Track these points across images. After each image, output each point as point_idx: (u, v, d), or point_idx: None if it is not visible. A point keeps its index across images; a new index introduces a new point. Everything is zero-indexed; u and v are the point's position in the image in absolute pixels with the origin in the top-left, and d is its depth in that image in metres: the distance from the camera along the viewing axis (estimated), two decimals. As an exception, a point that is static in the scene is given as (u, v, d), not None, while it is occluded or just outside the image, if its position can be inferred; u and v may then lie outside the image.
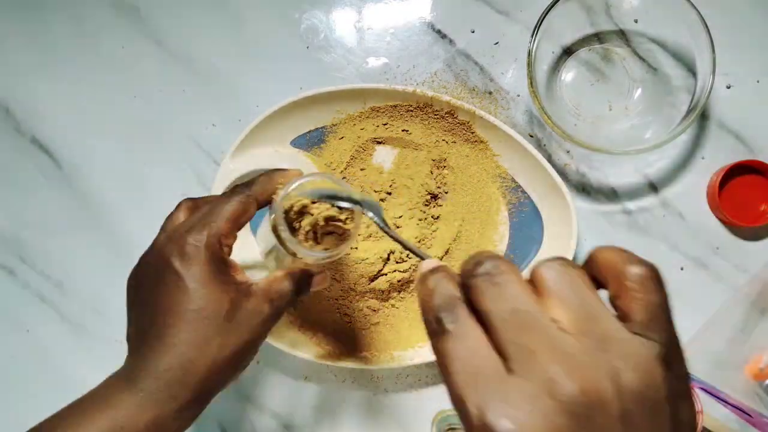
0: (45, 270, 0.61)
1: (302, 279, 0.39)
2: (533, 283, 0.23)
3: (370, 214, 0.38)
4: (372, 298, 0.57)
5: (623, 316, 0.23)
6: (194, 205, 0.40)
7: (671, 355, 0.22)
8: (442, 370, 0.22)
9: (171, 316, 0.34)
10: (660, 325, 0.22)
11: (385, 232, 0.36)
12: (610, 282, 0.23)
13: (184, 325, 0.34)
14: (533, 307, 0.22)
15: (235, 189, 0.39)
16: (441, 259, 0.57)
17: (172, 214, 0.40)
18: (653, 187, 0.57)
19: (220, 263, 0.36)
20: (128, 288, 0.39)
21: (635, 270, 0.23)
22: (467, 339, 0.22)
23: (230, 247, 0.38)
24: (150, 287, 0.36)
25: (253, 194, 0.38)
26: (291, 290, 0.38)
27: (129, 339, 0.37)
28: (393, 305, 0.57)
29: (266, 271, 0.51)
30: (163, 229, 0.40)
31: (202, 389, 0.35)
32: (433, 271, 0.25)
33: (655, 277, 0.23)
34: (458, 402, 0.21)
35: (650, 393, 0.20)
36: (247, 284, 0.37)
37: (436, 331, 0.23)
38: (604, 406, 0.20)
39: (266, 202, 0.39)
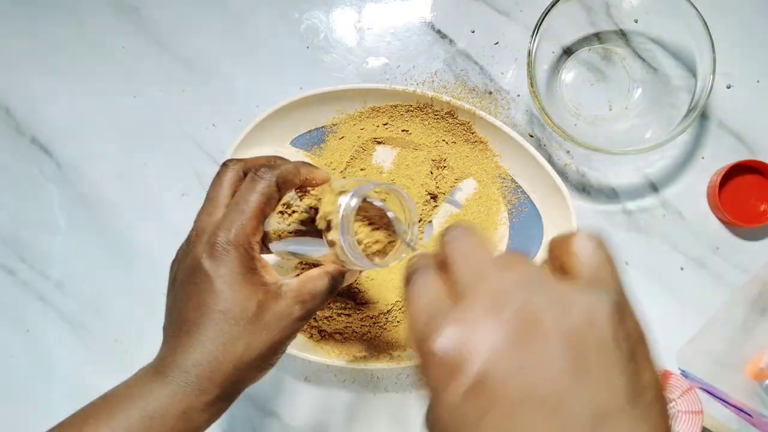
0: (45, 270, 0.61)
1: (338, 278, 0.38)
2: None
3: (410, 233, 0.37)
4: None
5: (570, 275, 0.23)
6: (236, 178, 0.39)
7: (617, 308, 0.21)
8: (406, 308, 0.25)
9: (200, 314, 0.35)
10: (606, 280, 0.23)
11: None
12: (563, 258, 0.24)
13: (211, 324, 0.34)
14: (485, 256, 0.24)
15: (258, 171, 0.37)
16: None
17: (215, 187, 0.39)
18: (653, 187, 0.57)
19: (249, 263, 0.35)
20: (169, 277, 0.39)
21: (579, 235, 0.24)
22: (430, 278, 0.25)
23: (259, 243, 0.37)
24: (183, 282, 0.36)
25: (274, 182, 0.36)
26: (326, 290, 0.37)
27: (164, 329, 0.38)
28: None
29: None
30: (202, 212, 0.38)
31: (229, 386, 0.35)
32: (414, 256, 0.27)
33: (597, 241, 0.24)
34: (410, 328, 0.24)
35: (593, 332, 0.21)
36: (277, 285, 0.36)
37: (406, 275, 0.26)
38: (540, 335, 0.20)
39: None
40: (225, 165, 0.38)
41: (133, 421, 0.33)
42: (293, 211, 0.38)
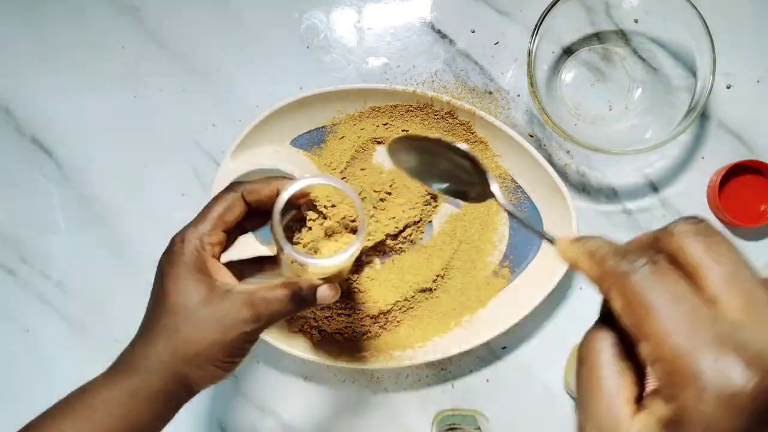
0: (45, 270, 0.61)
1: (301, 291, 0.38)
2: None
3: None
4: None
5: None
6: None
7: None
8: (635, 311, 0.20)
9: (151, 309, 0.38)
10: None
11: (510, 214, 0.32)
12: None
13: (157, 318, 0.37)
14: (747, 264, 0.21)
15: (230, 186, 0.39)
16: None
17: (208, 203, 0.40)
18: (653, 187, 0.57)
19: (198, 263, 0.37)
20: None
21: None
22: (671, 279, 0.20)
23: (216, 246, 0.38)
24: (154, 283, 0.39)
25: (239, 193, 0.39)
26: (282, 300, 0.37)
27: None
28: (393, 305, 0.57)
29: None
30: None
31: (174, 378, 0.36)
32: (583, 237, 0.24)
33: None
34: (672, 348, 0.19)
35: None
36: (227, 286, 0.37)
37: (625, 271, 0.21)
38: None
39: (261, 205, 0.39)
40: (227, 187, 0.40)
41: (96, 414, 0.35)
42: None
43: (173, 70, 0.61)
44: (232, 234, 0.40)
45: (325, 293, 0.39)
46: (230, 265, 0.41)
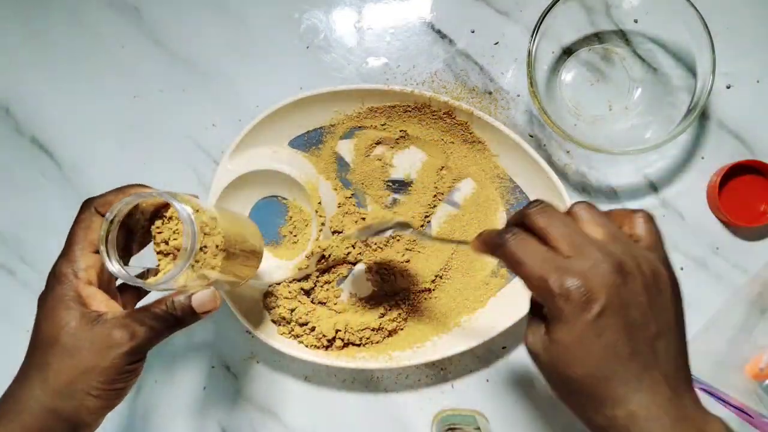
0: (45, 270, 0.60)
1: (173, 303, 0.37)
2: (569, 215, 0.34)
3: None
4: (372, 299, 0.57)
5: (634, 238, 0.34)
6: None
7: (667, 264, 0.33)
8: (515, 267, 0.33)
9: (27, 351, 0.37)
10: (659, 246, 0.34)
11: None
12: (623, 221, 0.34)
13: (31, 358, 0.37)
14: (575, 224, 0.33)
15: (83, 204, 0.39)
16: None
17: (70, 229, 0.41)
18: (653, 187, 0.57)
19: (67, 292, 0.37)
20: None
21: (640, 213, 0.34)
22: (528, 242, 0.33)
23: (89, 269, 0.38)
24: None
25: (92, 209, 0.38)
26: (156, 315, 0.37)
27: None
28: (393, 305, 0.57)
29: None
30: None
31: (56, 417, 0.35)
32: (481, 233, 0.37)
33: (653, 221, 0.34)
34: (538, 280, 0.31)
35: (657, 278, 0.32)
36: (97, 313, 0.37)
37: (501, 243, 0.33)
38: (631, 277, 0.31)
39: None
40: (81, 207, 0.40)
41: None
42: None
43: (173, 70, 0.61)
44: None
45: (200, 300, 0.38)
46: (125, 288, 0.41)
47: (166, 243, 0.38)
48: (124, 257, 0.39)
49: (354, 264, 0.57)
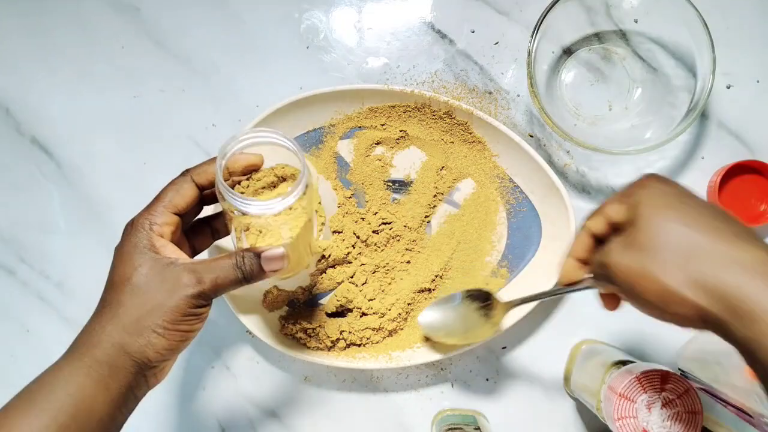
0: (45, 270, 0.61)
1: (244, 256, 0.39)
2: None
3: None
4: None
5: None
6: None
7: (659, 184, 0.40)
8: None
9: (103, 292, 0.39)
10: (640, 186, 0.40)
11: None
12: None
13: (105, 297, 0.39)
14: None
15: (182, 173, 0.42)
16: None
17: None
18: (653, 187, 0.57)
19: (144, 240, 0.39)
20: None
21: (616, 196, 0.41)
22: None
23: (165, 226, 0.39)
24: None
25: (188, 176, 0.41)
26: (225, 266, 0.39)
27: None
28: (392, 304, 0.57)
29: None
30: None
31: (123, 351, 0.37)
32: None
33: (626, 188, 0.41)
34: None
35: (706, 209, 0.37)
36: (171, 258, 0.39)
37: (602, 261, 0.39)
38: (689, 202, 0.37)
39: (211, 186, 0.41)
40: (180, 174, 0.42)
41: (55, 403, 0.35)
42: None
43: (173, 70, 0.61)
44: (187, 216, 0.42)
45: (270, 255, 0.40)
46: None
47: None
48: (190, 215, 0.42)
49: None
